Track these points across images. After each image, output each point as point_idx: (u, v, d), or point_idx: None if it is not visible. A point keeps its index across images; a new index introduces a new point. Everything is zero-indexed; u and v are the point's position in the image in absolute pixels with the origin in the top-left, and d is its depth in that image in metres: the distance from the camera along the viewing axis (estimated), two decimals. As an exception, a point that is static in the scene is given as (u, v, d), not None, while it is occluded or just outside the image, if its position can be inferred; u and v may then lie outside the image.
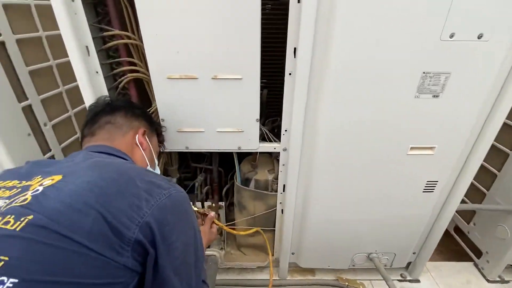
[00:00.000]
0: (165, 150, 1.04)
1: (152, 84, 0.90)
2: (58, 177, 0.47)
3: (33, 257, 0.38)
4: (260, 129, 1.04)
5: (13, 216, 0.40)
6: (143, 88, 1.02)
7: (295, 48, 0.84)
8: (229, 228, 1.11)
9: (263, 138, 1.11)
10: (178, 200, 0.52)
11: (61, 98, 1.34)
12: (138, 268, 0.45)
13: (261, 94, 0.93)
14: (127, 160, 0.65)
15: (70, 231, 0.40)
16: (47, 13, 1.19)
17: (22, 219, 0.40)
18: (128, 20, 0.88)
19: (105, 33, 0.88)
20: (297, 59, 0.84)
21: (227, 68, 0.86)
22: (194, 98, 0.92)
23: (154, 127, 0.83)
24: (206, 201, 1.40)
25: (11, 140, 1.07)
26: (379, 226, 1.19)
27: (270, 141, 1.09)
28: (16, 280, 0.35)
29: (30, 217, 0.40)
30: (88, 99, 0.91)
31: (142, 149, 0.72)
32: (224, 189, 1.41)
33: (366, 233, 1.22)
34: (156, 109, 0.96)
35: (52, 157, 1.29)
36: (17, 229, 0.39)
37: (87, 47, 0.84)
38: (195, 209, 0.98)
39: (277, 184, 1.15)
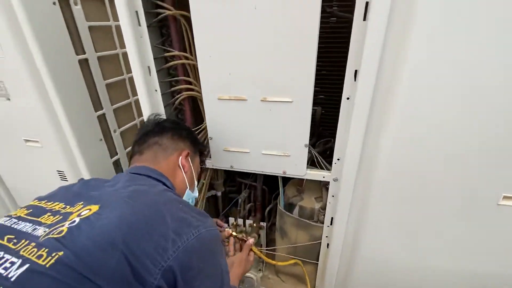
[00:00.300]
0: (211, 167, 1.05)
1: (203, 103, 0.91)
2: (95, 208, 0.49)
3: None
4: (309, 152, 0.96)
5: (46, 250, 0.43)
6: (197, 105, 1.05)
7: (356, 71, 0.74)
8: (267, 256, 1.04)
9: (312, 161, 1.02)
10: (206, 241, 0.52)
11: (130, 107, 1.48)
12: None
13: (314, 111, 0.86)
14: (166, 185, 0.66)
15: (93, 273, 0.41)
16: (125, 33, 1.35)
17: (53, 254, 0.42)
18: (187, 41, 0.91)
19: (166, 54, 0.93)
20: (358, 84, 0.73)
21: (277, 90, 0.81)
22: (242, 119, 0.89)
23: (198, 147, 0.84)
24: (248, 219, 1.37)
25: (86, 144, 1.22)
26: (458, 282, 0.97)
27: (320, 167, 1.00)
28: None
29: (61, 253, 0.42)
30: (146, 114, 0.97)
31: (184, 171, 0.74)
32: (267, 209, 1.36)
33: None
34: (206, 127, 0.97)
35: (118, 160, 1.44)
36: (47, 265, 0.41)
37: (148, 67, 0.90)
38: (234, 233, 0.95)
39: (324, 215, 1.04)
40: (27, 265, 0.41)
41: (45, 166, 1.27)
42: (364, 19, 0.68)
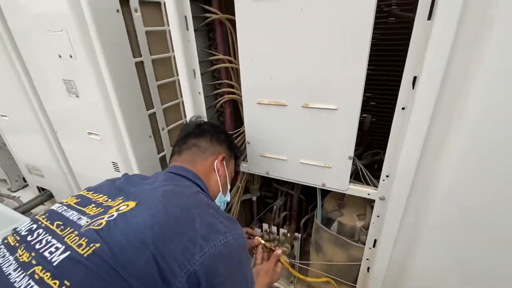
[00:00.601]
0: (247, 172, 1.03)
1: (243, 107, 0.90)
2: (132, 204, 0.51)
3: (87, 287, 0.42)
4: (354, 163, 0.88)
5: (86, 240, 0.46)
6: (238, 109, 1.05)
7: (414, 77, 0.65)
8: (300, 270, 0.98)
9: (356, 174, 0.93)
10: (233, 248, 0.52)
11: (178, 107, 1.56)
12: None
13: (363, 119, 0.77)
14: (200, 187, 0.67)
15: (123, 268, 0.43)
16: (177, 37, 1.42)
17: (91, 245, 0.44)
18: (232, 45, 0.91)
19: (211, 58, 0.95)
20: (416, 92, 0.64)
21: (320, 96, 0.75)
22: (280, 125, 0.86)
23: (234, 152, 0.84)
24: (282, 227, 1.33)
25: (136, 140, 1.32)
26: None
27: (366, 182, 0.90)
28: None
29: (98, 245, 0.44)
30: (190, 115, 1.00)
31: (218, 175, 0.74)
32: (303, 220, 1.29)
33: None
34: (244, 130, 0.96)
35: (164, 156, 1.53)
36: (85, 255, 0.44)
37: (194, 70, 0.92)
38: (262, 242, 0.91)
39: (366, 235, 0.94)
40: (68, 252, 0.45)
41: (102, 156, 1.42)
42: (429, 18, 0.58)
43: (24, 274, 0.43)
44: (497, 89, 0.57)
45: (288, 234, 1.26)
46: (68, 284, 0.41)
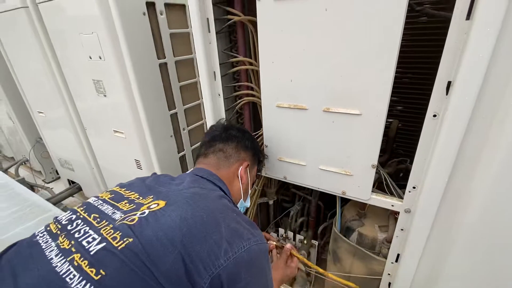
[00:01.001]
0: (265, 175, 1.01)
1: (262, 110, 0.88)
2: (162, 203, 0.54)
3: (120, 278, 0.44)
4: (378, 171, 0.83)
5: (120, 234, 0.48)
6: (257, 111, 1.03)
7: (449, 83, 0.59)
8: (312, 280, 0.95)
9: (379, 183, 0.88)
10: (256, 255, 0.53)
11: (198, 108, 1.59)
12: None
13: (389, 125, 0.72)
14: (223, 191, 0.68)
15: (153, 264, 0.44)
16: (200, 38, 1.44)
17: (124, 239, 0.47)
18: (253, 47, 0.90)
19: (232, 60, 0.94)
20: (450, 98, 0.58)
21: (343, 101, 0.72)
22: (300, 129, 0.83)
23: (258, 157, 0.84)
24: (299, 233, 1.29)
25: (158, 139, 1.35)
26: None
27: (390, 192, 0.85)
28: None
29: (131, 240, 0.47)
30: (209, 116, 1.00)
31: (241, 182, 0.75)
32: (321, 227, 1.25)
33: None
34: (262, 133, 0.94)
35: (184, 156, 1.56)
36: (119, 248, 0.46)
37: (214, 72, 0.92)
38: (273, 243, 0.90)
39: (388, 248, 0.88)
40: (104, 244, 0.48)
41: (126, 154, 1.47)
42: (468, 17, 0.53)
43: (64, 260, 0.46)
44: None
45: (305, 241, 1.22)
46: (103, 273, 0.43)
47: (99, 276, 0.43)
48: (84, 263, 0.45)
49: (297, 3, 0.67)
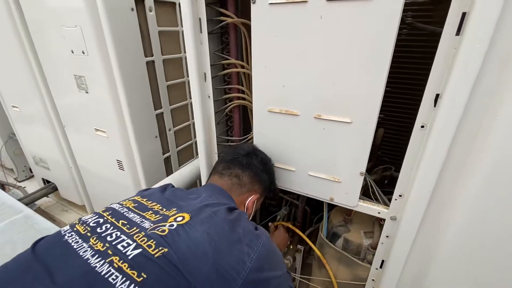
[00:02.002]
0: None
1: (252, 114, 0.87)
2: (187, 217, 0.57)
3: (161, 283, 0.46)
4: (364, 179, 0.84)
5: (154, 242, 0.50)
6: (247, 114, 1.02)
7: (437, 95, 0.61)
8: (297, 285, 0.94)
9: (365, 189, 0.89)
10: (269, 244, 0.60)
11: (186, 109, 1.55)
12: None
13: (375, 133, 0.74)
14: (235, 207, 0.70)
15: (190, 274, 0.48)
16: (190, 38, 1.41)
17: (160, 248, 0.49)
18: (245, 49, 0.89)
19: (223, 62, 0.92)
20: (438, 111, 0.60)
21: (334, 108, 0.72)
22: (291, 135, 0.83)
23: (269, 190, 0.86)
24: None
25: (142, 139, 1.31)
26: None
27: (375, 199, 0.87)
28: None
29: (165, 250, 0.49)
30: (198, 118, 0.98)
31: (246, 212, 0.77)
32: (307, 232, 1.26)
33: None
34: (252, 137, 0.93)
35: (169, 157, 1.51)
36: (155, 255, 0.48)
37: (205, 73, 0.90)
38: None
39: (373, 255, 0.90)
40: (140, 250, 0.50)
41: (107, 154, 1.41)
42: (458, 33, 0.55)
43: (103, 261, 0.48)
44: (528, 113, 0.53)
45: (291, 246, 1.22)
46: (145, 276, 0.45)
47: (141, 278, 0.45)
48: (125, 266, 0.47)
49: (293, 9, 0.66)
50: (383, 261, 0.87)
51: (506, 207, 0.62)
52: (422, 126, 0.66)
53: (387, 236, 0.83)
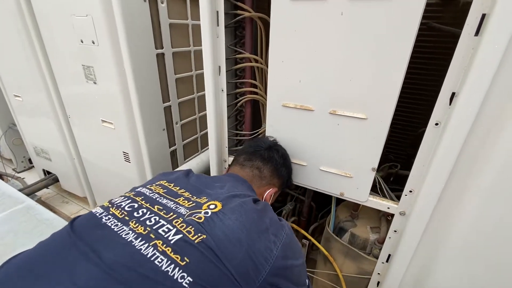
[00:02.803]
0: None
1: (266, 108, 0.88)
2: (219, 205, 0.58)
3: (202, 267, 0.48)
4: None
5: (193, 229, 0.52)
6: (258, 109, 1.03)
7: (453, 94, 0.63)
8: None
9: (373, 186, 0.91)
10: (291, 234, 0.63)
11: (192, 102, 1.55)
12: None
13: None
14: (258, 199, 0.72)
15: (225, 258, 0.50)
16: (199, 31, 1.41)
17: (199, 234, 0.51)
18: (260, 44, 0.90)
19: (237, 55, 0.93)
20: (454, 109, 0.62)
21: (350, 104, 0.74)
22: (304, 130, 0.84)
23: (286, 185, 0.88)
24: (290, 233, 1.31)
25: (150, 132, 1.31)
26: None
27: (383, 194, 0.89)
28: (192, 280, 0.46)
29: (204, 236, 0.51)
30: (211, 112, 0.98)
31: None
32: (312, 227, 1.28)
33: None
34: (264, 131, 0.94)
35: (175, 150, 1.51)
36: (195, 241, 0.50)
37: (219, 67, 0.91)
38: None
39: (380, 249, 0.92)
40: (181, 235, 0.51)
41: (114, 145, 1.41)
42: (477, 34, 0.56)
43: (147, 244, 0.49)
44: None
45: (296, 241, 1.24)
46: (187, 260, 0.47)
47: (184, 262, 0.47)
48: (168, 250, 0.48)
49: (314, 4, 0.67)
50: (389, 255, 0.89)
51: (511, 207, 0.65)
52: (437, 124, 0.67)
53: (395, 231, 0.85)
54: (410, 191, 0.77)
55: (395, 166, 1.18)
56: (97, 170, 1.67)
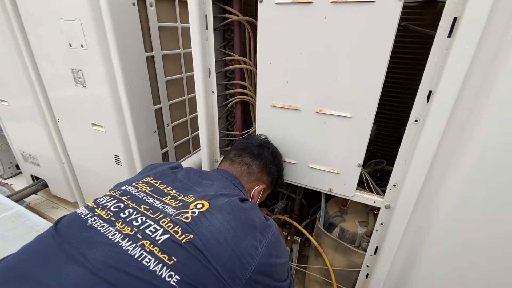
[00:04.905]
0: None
1: (256, 108, 0.91)
2: (206, 205, 0.59)
3: (190, 266, 0.49)
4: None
5: (180, 228, 0.53)
6: (248, 109, 1.06)
7: (430, 92, 0.67)
8: (294, 273, 0.99)
9: (360, 182, 0.95)
10: (277, 234, 0.64)
11: (183, 104, 1.56)
12: None
13: None
14: (245, 195, 0.74)
15: (212, 257, 0.51)
16: (188, 34, 1.42)
17: (186, 234, 0.52)
18: (248, 46, 0.93)
19: (227, 58, 0.95)
20: (431, 106, 0.66)
21: (335, 104, 0.77)
22: (293, 129, 0.87)
23: (276, 184, 0.89)
24: (282, 230, 1.33)
25: (141, 134, 1.31)
26: None
27: (370, 189, 0.92)
28: (179, 278, 0.47)
29: (191, 236, 0.52)
30: (201, 113, 1.00)
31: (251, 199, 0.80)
32: (303, 223, 1.31)
33: None
34: (255, 131, 0.96)
35: (166, 152, 1.52)
36: (182, 241, 0.51)
37: (209, 69, 0.93)
38: None
39: (368, 242, 0.96)
40: (168, 235, 0.52)
41: (104, 149, 1.40)
42: (449, 35, 0.60)
43: (135, 244, 0.49)
44: (508, 110, 0.60)
45: (288, 238, 1.26)
46: (175, 259, 0.48)
47: (172, 261, 0.48)
48: (156, 250, 0.49)
49: (299, 8, 0.70)
50: (377, 247, 0.93)
51: (489, 196, 0.69)
52: (416, 121, 0.71)
53: (382, 224, 0.89)
54: (394, 185, 0.81)
55: (382, 163, 1.23)
56: (88, 174, 1.65)
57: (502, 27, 0.56)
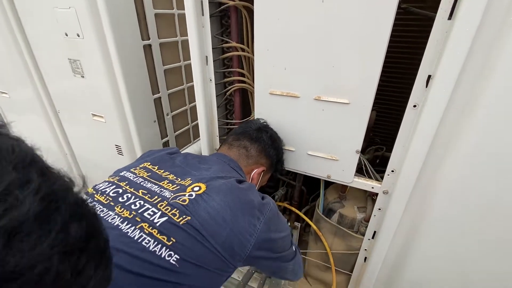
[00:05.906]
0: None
1: (254, 96, 0.90)
2: (203, 187, 0.60)
3: (189, 245, 0.51)
4: (358, 158, 0.90)
5: (178, 211, 0.54)
6: (247, 97, 1.05)
7: (429, 76, 0.66)
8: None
9: (359, 168, 0.96)
10: (275, 209, 0.67)
11: (182, 93, 1.55)
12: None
13: None
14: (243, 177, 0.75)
15: (211, 236, 0.53)
16: (185, 21, 1.40)
17: (184, 216, 0.54)
18: (246, 33, 0.91)
19: (224, 45, 0.94)
20: (430, 91, 0.65)
21: (333, 90, 0.76)
22: (291, 116, 0.87)
23: (276, 167, 0.89)
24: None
25: (141, 124, 1.32)
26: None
27: (368, 175, 0.93)
28: (179, 257, 0.49)
29: (189, 218, 0.53)
30: (200, 102, 1.00)
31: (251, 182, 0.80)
32: (303, 210, 1.33)
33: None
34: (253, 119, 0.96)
35: (167, 142, 1.53)
36: (180, 223, 0.53)
37: (206, 57, 0.92)
38: None
39: (366, 227, 0.97)
40: (166, 217, 0.53)
41: (106, 139, 1.41)
42: (450, 17, 0.59)
43: (134, 227, 0.51)
44: (508, 93, 0.59)
45: (288, 223, 1.29)
46: (174, 240, 0.50)
47: (171, 242, 0.50)
48: (154, 231, 0.50)
49: (295, -8, 0.69)
50: (375, 232, 0.94)
51: (487, 181, 0.69)
52: (415, 106, 0.71)
53: (379, 209, 0.90)
54: (392, 171, 0.82)
55: (381, 149, 1.23)
56: (90, 164, 1.67)
57: (504, 9, 0.54)
